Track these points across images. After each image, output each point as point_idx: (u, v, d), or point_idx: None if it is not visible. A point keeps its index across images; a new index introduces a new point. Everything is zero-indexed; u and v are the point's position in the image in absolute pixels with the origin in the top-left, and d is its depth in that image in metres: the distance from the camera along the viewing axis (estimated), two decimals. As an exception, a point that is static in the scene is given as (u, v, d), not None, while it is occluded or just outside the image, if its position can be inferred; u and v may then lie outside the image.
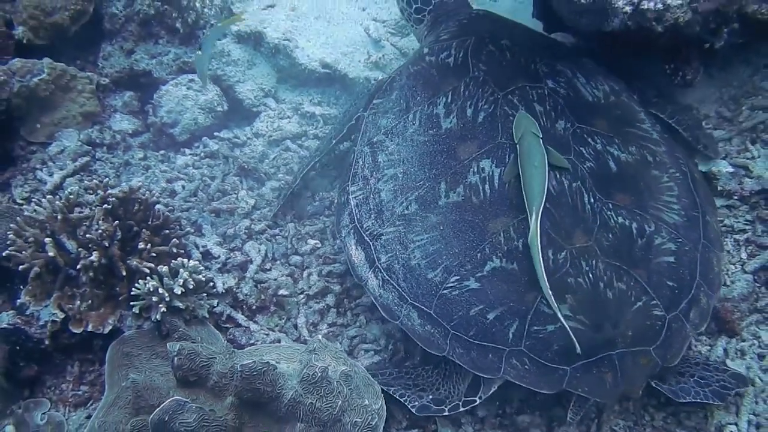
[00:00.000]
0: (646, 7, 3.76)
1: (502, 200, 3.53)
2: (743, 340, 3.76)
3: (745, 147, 4.26)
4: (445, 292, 3.43)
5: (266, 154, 4.87)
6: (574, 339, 3.16)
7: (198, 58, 4.40)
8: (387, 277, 3.61)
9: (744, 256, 3.97)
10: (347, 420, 3.14)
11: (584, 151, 3.67)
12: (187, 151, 4.88)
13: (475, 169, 3.63)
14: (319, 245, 4.25)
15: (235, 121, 5.12)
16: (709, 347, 3.76)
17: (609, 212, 3.50)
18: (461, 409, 3.44)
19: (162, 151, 4.92)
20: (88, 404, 3.75)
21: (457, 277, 3.43)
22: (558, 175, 3.54)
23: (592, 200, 3.52)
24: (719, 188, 4.13)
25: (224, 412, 3.13)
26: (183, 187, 4.57)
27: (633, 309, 3.32)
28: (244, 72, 5.19)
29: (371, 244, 3.71)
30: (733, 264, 3.96)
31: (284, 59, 5.22)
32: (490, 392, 3.42)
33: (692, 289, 3.46)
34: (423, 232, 3.58)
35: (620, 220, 3.49)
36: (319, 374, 3.09)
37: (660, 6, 3.71)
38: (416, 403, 3.47)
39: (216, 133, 4.91)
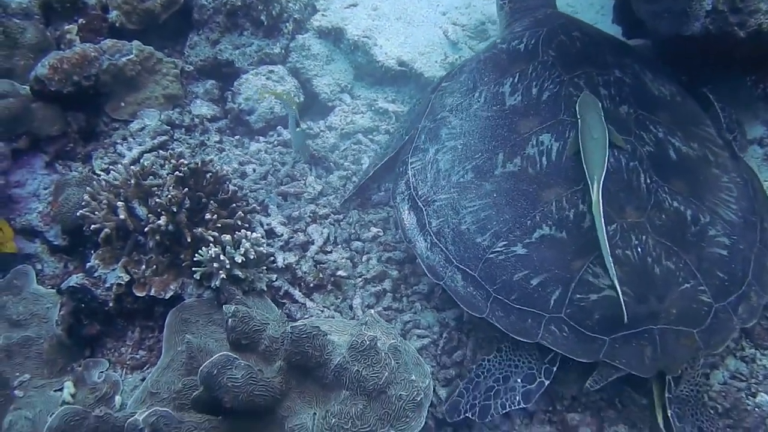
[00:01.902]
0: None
1: (558, 172, 3.56)
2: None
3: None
4: (491, 256, 3.47)
5: (337, 146, 4.93)
6: (624, 307, 3.13)
7: (295, 134, 4.56)
8: (436, 240, 3.68)
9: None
10: (392, 392, 3.11)
11: (645, 136, 3.66)
12: (262, 138, 4.99)
13: (534, 142, 3.67)
14: (381, 233, 4.27)
15: (309, 114, 5.21)
16: None
17: (664, 195, 3.48)
18: (554, 369, 3.40)
19: (237, 137, 5.05)
20: (145, 368, 3.85)
21: (505, 243, 3.46)
22: (616, 153, 3.53)
23: (648, 181, 3.50)
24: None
25: (272, 374, 3.16)
26: (254, 170, 4.67)
27: (680, 289, 3.28)
28: (322, 67, 5.30)
29: (424, 209, 3.79)
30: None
31: (362, 56, 5.30)
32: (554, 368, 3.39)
33: (743, 286, 3.42)
34: (476, 198, 3.63)
35: (675, 204, 3.46)
36: (368, 343, 3.09)
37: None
38: (517, 397, 3.40)
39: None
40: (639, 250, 3.31)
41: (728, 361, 3.64)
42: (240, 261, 3.69)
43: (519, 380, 3.42)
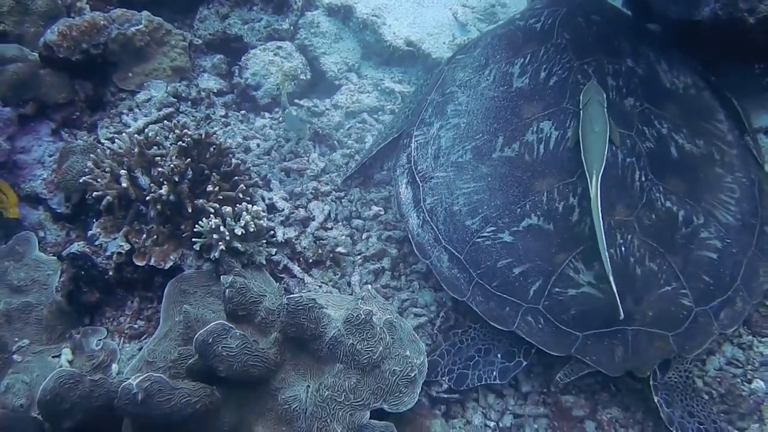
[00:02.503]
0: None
1: (553, 162, 3.55)
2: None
3: (830, 158, 4.09)
4: (478, 240, 3.48)
5: (342, 125, 4.93)
6: (620, 306, 3.11)
7: (285, 115, 4.58)
8: (428, 218, 3.69)
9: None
10: (386, 367, 3.13)
11: (647, 131, 3.61)
12: (267, 114, 4.99)
13: (535, 129, 3.65)
14: (382, 212, 4.27)
15: (316, 92, 5.20)
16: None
17: (658, 194, 3.44)
18: (533, 351, 3.42)
19: (243, 112, 5.05)
20: (142, 338, 3.88)
21: (493, 228, 3.47)
22: (614, 148, 3.50)
23: (642, 178, 3.47)
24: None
25: (267, 346, 3.17)
26: (258, 145, 4.67)
27: (659, 291, 3.27)
28: (330, 45, 5.29)
29: (421, 185, 3.80)
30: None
31: (371, 35, 5.30)
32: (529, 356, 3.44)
33: (729, 291, 3.37)
34: (471, 180, 3.63)
35: (668, 204, 3.43)
36: (363, 316, 3.10)
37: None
38: (494, 372, 3.45)
39: (296, 101, 4.99)
40: (622, 249, 3.30)
41: (725, 348, 3.65)
42: (240, 233, 3.70)
43: (499, 355, 3.47)
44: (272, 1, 5.24)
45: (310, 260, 4.03)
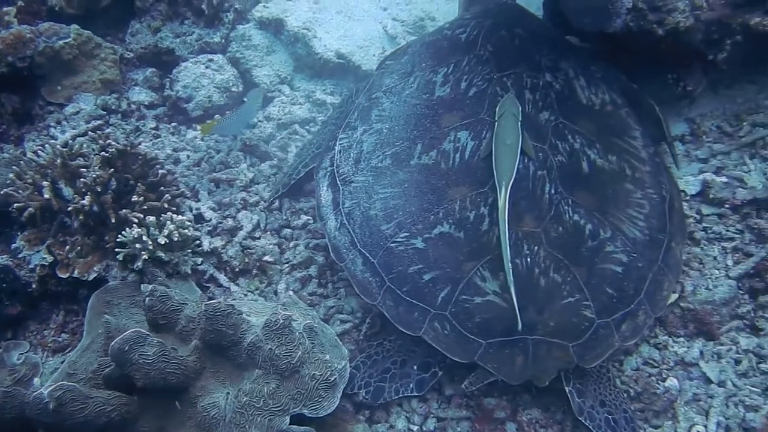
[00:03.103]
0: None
1: (467, 171, 3.60)
2: (721, 344, 3.71)
3: (743, 161, 4.23)
4: (392, 245, 3.52)
5: (273, 136, 4.94)
6: (518, 316, 3.20)
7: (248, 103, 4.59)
8: (345, 221, 3.71)
9: (730, 263, 3.91)
10: (306, 372, 3.14)
11: (560, 145, 3.68)
12: (198, 126, 4.99)
13: (452, 138, 3.71)
14: (311, 221, 4.29)
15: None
16: (686, 348, 3.70)
17: (566, 207, 3.51)
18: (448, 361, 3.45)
19: (174, 124, 5.04)
20: (67, 351, 3.83)
21: (407, 234, 3.51)
22: (525, 160, 3.56)
23: (552, 191, 3.53)
24: (711, 196, 4.11)
25: (187, 353, 3.16)
26: (188, 156, 4.68)
27: (562, 302, 3.32)
28: (262, 57, 5.31)
29: (341, 188, 3.82)
30: (718, 269, 3.90)
31: (302, 48, 5.33)
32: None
33: (632, 304, 3.44)
34: (389, 186, 3.67)
35: (576, 217, 3.49)
36: (282, 321, 3.11)
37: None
38: (411, 384, 3.49)
39: (228, 112, 5.00)
40: (528, 260, 3.36)
41: (642, 348, 3.74)
42: (163, 242, 3.70)
43: (415, 367, 3.51)
44: (204, 14, 5.25)
45: (237, 269, 4.04)
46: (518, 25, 4.17)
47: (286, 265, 4.11)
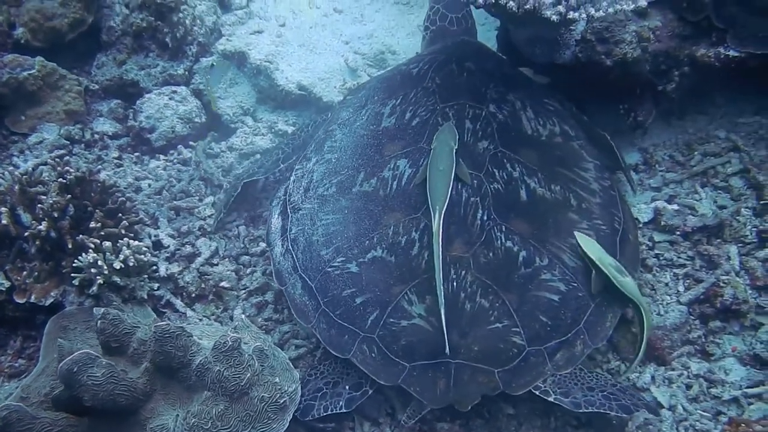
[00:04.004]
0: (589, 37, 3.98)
1: (402, 197, 3.71)
2: (672, 369, 3.78)
3: (695, 190, 4.35)
4: (329, 270, 3.61)
5: (234, 166, 5.02)
6: (445, 335, 3.26)
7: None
8: (290, 246, 3.81)
9: (681, 289, 4.00)
10: (255, 394, 3.17)
11: (497, 173, 3.75)
12: (162, 156, 5.06)
13: (392, 166, 3.82)
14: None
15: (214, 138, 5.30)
16: (637, 374, 3.76)
17: (499, 233, 3.56)
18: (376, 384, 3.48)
19: (137, 154, 5.10)
20: (22, 376, 3.84)
21: (343, 259, 3.60)
22: (459, 187, 3.65)
23: (485, 218, 3.60)
24: (663, 224, 4.21)
25: (137, 375, 3.18)
26: (149, 185, 4.74)
27: (489, 327, 3.36)
28: (225, 89, 5.42)
29: (290, 215, 3.92)
30: (669, 295, 3.99)
31: (264, 80, 5.44)
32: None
33: (569, 333, 3.46)
34: (331, 213, 3.77)
35: (508, 244, 3.54)
36: (230, 343, 3.15)
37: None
38: (341, 402, 3.49)
39: (191, 143, 5.08)
40: (454, 284, 3.42)
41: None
42: (119, 267, 3.74)
43: (347, 387, 3.53)
44: (168, 47, 5.35)
45: (193, 295, 4.10)
46: (470, 60, 4.27)
47: (243, 291, 4.17)
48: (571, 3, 3.30)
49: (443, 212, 3.42)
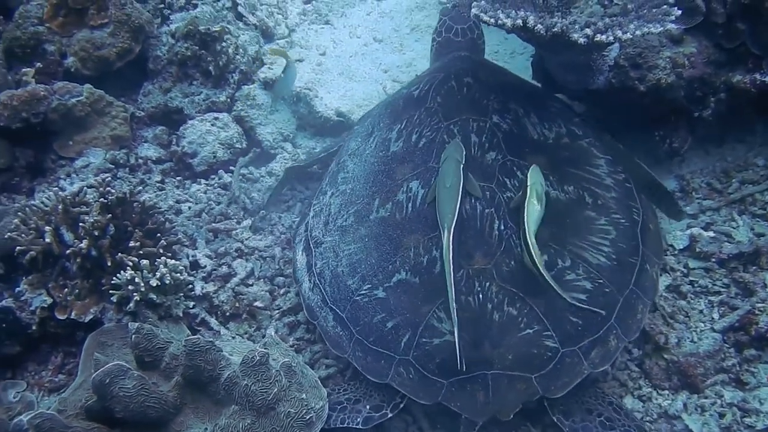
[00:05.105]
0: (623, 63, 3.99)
1: (418, 218, 3.74)
2: (705, 397, 3.71)
3: (732, 217, 4.30)
4: (357, 298, 3.67)
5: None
6: (458, 353, 3.28)
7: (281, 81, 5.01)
8: (318, 281, 3.89)
9: (716, 316, 3.95)
10: (281, 409, 3.21)
11: (508, 182, 3.77)
12: (203, 180, 5.18)
13: (405, 189, 3.86)
14: (304, 270, 4.42)
15: (253, 161, 5.40)
16: (670, 401, 3.71)
17: (517, 241, 3.57)
18: (401, 406, 3.56)
19: (179, 178, 5.24)
20: (62, 390, 3.93)
21: (369, 286, 3.66)
22: (472, 201, 3.69)
23: (502, 227, 3.63)
24: (698, 250, 4.16)
25: (168, 389, 3.26)
26: (189, 207, 4.85)
27: (520, 335, 3.38)
28: (266, 116, 5.51)
29: (313, 250, 4.01)
30: (703, 322, 3.94)
31: (304, 107, 5.54)
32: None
33: (601, 330, 3.47)
34: (352, 242, 3.84)
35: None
36: (258, 358, 3.20)
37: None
38: (359, 419, 3.54)
39: (231, 168, 5.20)
40: (480, 296, 3.45)
41: (626, 399, 3.76)
42: (155, 285, 3.84)
43: (368, 406, 3.58)
44: (211, 75, 5.50)
45: (227, 313, 4.17)
46: (468, 74, 4.26)
47: (277, 311, 4.23)
48: (598, 26, 3.32)
49: (452, 228, 3.43)
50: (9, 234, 4.03)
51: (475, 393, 3.34)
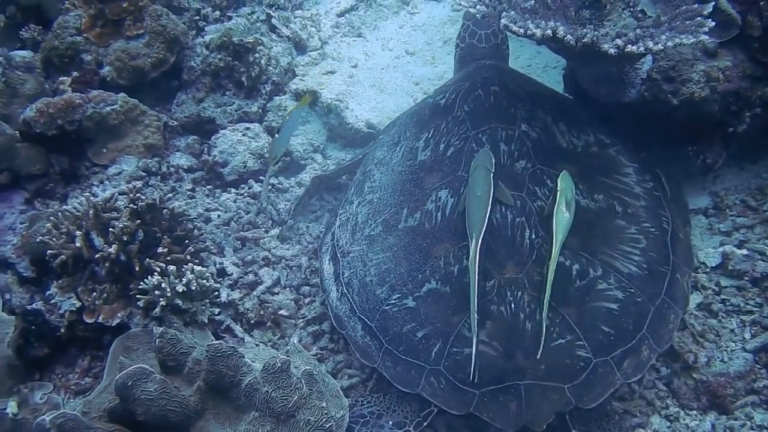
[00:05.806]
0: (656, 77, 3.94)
1: (448, 227, 3.72)
2: (735, 419, 3.63)
3: (766, 235, 4.21)
4: (386, 308, 3.64)
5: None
6: (473, 362, 3.26)
7: (275, 140, 4.85)
8: (345, 290, 3.86)
9: (747, 336, 3.86)
10: (301, 417, 3.20)
11: (538, 191, 3.76)
12: (233, 190, 5.21)
13: (434, 198, 3.85)
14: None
15: (283, 171, 5.42)
16: (698, 421, 3.63)
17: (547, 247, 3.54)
18: (424, 425, 3.52)
19: (209, 187, 5.28)
20: (87, 393, 3.96)
21: (399, 295, 3.63)
22: (503, 209, 3.66)
23: (533, 236, 3.60)
24: (730, 268, 4.08)
25: (189, 393, 3.27)
26: (218, 216, 4.89)
27: (552, 344, 3.33)
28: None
29: (340, 260, 3.99)
30: (734, 342, 3.85)
31: (335, 118, 5.57)
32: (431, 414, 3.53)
33: (633, 340, 3.43)
34: (381, 251, 3.82)
35: (560, 259, 3.48)
36: (279, 365, 3.19)
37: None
38: None
39: (261, 177, 5.23)
40: (512, 306, 3.42)
41: (653, 419, 3.69)
42: (181, 291, 3.86)
43: (390, 422, 3.56)
44: (243, 86, 5.56)
45: (252, 321, 4.18)
46: (495, 83, 4.25)
47: (301, 320, 4.23)
48: (630, 36, 3.29)
49: (480, 237, 3.40)
50: (41, 238, 4.10)
51: (507, 403, 3.29)
